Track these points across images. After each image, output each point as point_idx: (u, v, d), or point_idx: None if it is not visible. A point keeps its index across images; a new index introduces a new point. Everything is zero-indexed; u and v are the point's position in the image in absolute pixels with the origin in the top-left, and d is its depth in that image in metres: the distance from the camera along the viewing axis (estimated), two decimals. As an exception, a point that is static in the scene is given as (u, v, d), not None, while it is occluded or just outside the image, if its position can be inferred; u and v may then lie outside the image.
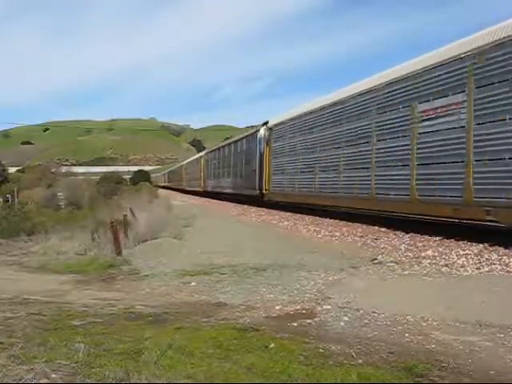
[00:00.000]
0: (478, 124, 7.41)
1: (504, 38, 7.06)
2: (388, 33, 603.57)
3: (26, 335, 3.57)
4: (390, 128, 9.64)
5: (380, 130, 9.99)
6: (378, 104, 10.11)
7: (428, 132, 8.52)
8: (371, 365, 2.94)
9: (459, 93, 7.85)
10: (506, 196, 6.84)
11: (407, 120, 9.07)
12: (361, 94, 10.90)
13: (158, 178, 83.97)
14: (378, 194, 10.02)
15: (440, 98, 8.25)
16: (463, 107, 7.73)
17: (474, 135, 7.47)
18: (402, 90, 9.30)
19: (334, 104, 12.30)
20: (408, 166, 8.98)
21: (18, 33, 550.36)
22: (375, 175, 10.11)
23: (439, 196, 8.21)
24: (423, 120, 8.64)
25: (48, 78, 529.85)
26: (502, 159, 6.96)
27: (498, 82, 7.07)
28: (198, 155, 42.17)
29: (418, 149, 8.75)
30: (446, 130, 8.08)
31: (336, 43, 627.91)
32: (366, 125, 10.50)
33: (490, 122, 7.19)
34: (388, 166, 9.66)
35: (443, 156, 8.12)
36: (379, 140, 9.99)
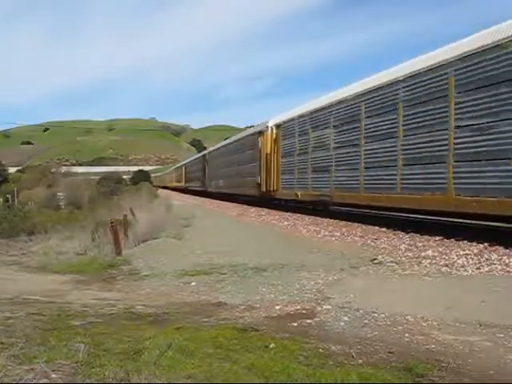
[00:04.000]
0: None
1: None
2: (389, 33, 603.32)
3: (26, 335, 3.57)
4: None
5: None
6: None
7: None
8: (371, 365, 2.94)
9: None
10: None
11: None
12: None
13: (164, 176, 68.25)
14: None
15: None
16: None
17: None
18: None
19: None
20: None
21: (18, 33, 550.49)
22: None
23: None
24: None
25: (48, 77, 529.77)
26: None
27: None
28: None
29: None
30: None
31: (337, 43, 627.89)
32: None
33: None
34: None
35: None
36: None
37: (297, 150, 14.34)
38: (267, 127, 17.21)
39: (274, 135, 16.58)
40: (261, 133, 18.04)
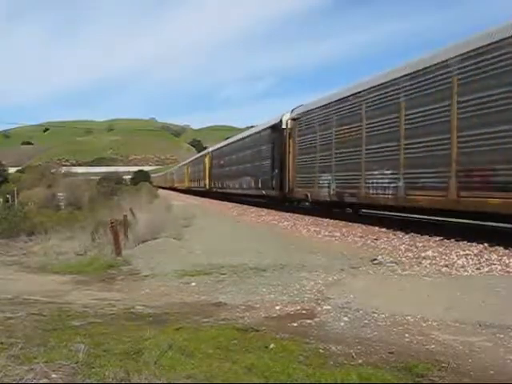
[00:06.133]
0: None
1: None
2: (389, 33, 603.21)
3: (26, 335, 3.57)
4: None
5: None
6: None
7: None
8: (371, 365, 2.94)
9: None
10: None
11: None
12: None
13: (168, 176, 61.58)
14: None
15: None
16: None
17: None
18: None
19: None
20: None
21: (18, 33, 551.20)
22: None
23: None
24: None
25: (48, 77, 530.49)
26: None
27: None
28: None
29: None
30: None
31: (337, 43, 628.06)
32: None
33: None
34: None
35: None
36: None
37: None
38: None
39: None
40: None
